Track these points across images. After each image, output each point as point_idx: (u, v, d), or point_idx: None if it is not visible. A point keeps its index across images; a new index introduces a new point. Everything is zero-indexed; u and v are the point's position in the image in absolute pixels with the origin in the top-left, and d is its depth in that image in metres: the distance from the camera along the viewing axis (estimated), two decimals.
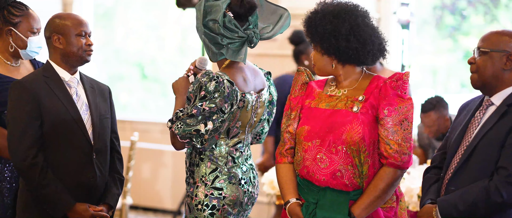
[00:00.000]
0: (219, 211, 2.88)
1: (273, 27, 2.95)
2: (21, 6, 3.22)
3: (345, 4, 2.68)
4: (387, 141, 2.59)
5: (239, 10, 2.83)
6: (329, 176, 2.61)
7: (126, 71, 8.04)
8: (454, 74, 6.55)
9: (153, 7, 7.83)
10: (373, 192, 2.60)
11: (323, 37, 2.65)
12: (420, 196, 4.22)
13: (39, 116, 2.91)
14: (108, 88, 3.19)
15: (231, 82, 2.81)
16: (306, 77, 2.80)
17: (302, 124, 2.69)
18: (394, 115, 2.60)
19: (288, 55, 5.72)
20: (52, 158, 2.93)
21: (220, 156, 2.90)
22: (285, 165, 2.76)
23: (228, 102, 2.80)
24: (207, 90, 2.77)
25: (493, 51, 2.75)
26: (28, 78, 2.99)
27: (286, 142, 2.76)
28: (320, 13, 2.67)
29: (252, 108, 2.93)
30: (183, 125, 2.79)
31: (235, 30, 2.83)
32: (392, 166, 2.60)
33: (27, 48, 3.20)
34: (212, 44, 2.85)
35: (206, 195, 2.88)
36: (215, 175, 2.89)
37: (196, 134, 2.78)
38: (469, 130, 2.82)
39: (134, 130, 6.44)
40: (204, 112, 2.77)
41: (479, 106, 2.84)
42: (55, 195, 2.89)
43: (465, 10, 6.47)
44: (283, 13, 2.98)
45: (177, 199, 6.92)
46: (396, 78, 2.64)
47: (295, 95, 2.79)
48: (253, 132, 3.05)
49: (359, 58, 2.65)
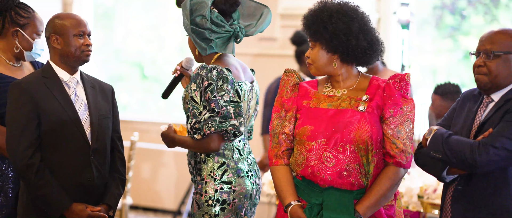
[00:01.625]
0: (230, 205, 2.91)
1: (255, 24, 3.06)
2: (28, 8, 3.25)
3: (349, 3, 2.68)
4: (393, 140, 2.63)
5: (223, 6, 2.95)
6: (336, 175, 2.61)
7: (126, 72, 8.04)
8: (454, 74, 6.55)
9: (153, 7, 7.82)
10: (380, 191, 2.61)
11: (333, 35, 2.63)
12: (420, 196, 4.22)
13: (37, 116, 2.91)
14: (110, 88, 3.19)
15: (228, 70, 2.88)
16: (296, 79, 2.78)
17: (303, 124, 2.68)
18: (399, 114, 2.64)
19: (289, 55, 5.72)
20: (50, 158, 2.94)
21: (227, 149, 2.93)
22: (282, 167, 2.73)
23: (233, 89, 2.87)
24: (211, 78, 2.83)
25: (507, 53, 2.76)
26: (26, 79, 2.99)
27: (282, 144, 2.73)
28: (326, 11, 2.65)
29: (247, 98, 2.98)
30: (214, 122, 2.83)
31: (222, 25, 2.93)
32: (398, 165, 2.64)
33: (32, 50, 3.22)
34: (200, 40, 2.93)
35: (216, 190, 2.91)
36: (223, 169, 2.92)
37: (232, 128, 2.84)
38: (473, 128, 2.83)
39: (134, 130, 6.44)
40: (224, 103, 2.83)
41: (480, 104, 2.85)
42: (51, 195, 2.90)
43: (465, 10, 6.47)
44: (263, 10, 3.09)
45: (177, 199, 6.92)
46: (398, 79, 2.68)
47: (288, 96, 2.75)
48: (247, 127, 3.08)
49: (364, 58, 2.67)
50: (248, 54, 6.33)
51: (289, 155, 2.74)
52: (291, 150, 2.74)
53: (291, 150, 2.74)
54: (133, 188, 6.63)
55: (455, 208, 2.81)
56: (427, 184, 4.20)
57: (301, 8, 6.46)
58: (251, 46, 6.26)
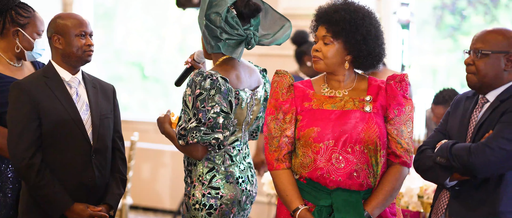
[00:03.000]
0: (216, 210, 2.88)
1: (272, 36, 2.97)
2: (28, 8, 3.25)
3: (364, 7, 2.68)
4: (398, 140, 2.65)
5: (243, 10, 2.85)
6: (346, 176, 2.60)
7: (126, 72, 8.04)
8: (454, 74, 6.55)
9: (153, 7, 7.82)
10: (388, 190, 2.63)
11: (363, 38, 2.62)
12: (420, 196, 4.22)
13: (37, 117, 2.91)
14: (112, 88, 3.19)
15: (224, 79, 2.82)
16: (289, 80, 2.73)
17: (308, 125, 2.64)
18: (402, 114, 2.66)
19: (289, 55, 5.72)
20: (51, 158, 2.94)
21: (217, 154, 2.90)
22: (284, 171, 2.68)
23: (226, 100, 2.81)
24: (203, 88, 2.78)
25: (495, 52, 2.74)
26: (27, 79, 3.00)
27: (283, 147, 2.68)
28: (359, 13, 2.63)
29: (247, 106, 2.93)
30: (198, 132, 2.80)
31: (235, 27, 2.84)
32: (404, 165, 2.67)
33: (33, 50, 3.22)
34: (210, 37, 2.86)
35: (204, 194, 2.88)
36: (212, 174, 2.89)
37: (216, 142, 2.82)
38: (469, 129, 2.82)
39: (134, 130, 6.44)
40: (213, 114, 2.79)
41: (475, 104, 2.85)
42: (52, 195, 2.90)
43: (465, 10, 6.47)
44: (285, 23, 2.99)
45: (177, 199, 6.92)
46: (398, 79, 2.70)
47: (284, 98, 2.70)
48: (249, 130, 3.05)
49: (373, 62, 2.68)
50: (248, 54, 6.33)
51: (290, 158, 2.70)
52: (292, 153, 2.71)
53: (291, 152, 2.71)
54: (133, 188, 6.63)
55: (453, 208, 2.81)
56: (427, 184, 4.20)
57: (301, 8, 6.47)
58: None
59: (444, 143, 2.77)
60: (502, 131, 2.65)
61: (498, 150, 2.62)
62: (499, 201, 2.69)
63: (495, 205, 2.69)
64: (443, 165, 2.73)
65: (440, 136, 2.88)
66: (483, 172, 2.67)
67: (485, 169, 2.65)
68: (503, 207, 2.69)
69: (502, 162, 2.65)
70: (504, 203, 2.69)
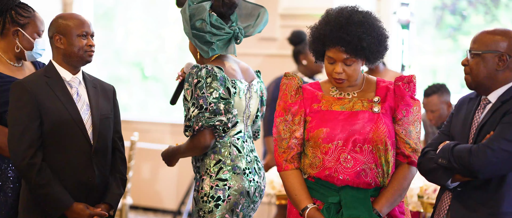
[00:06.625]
0: (224, 202, 2.93)
1: (253, 24, 3.11)
2: (28, 8, 3.25)
3: (362, 11, 2.68)
4: (406, 140, 2.70)
5: (222, 9, 3.01)
6: (353, 175, 2.63)
7: (126, 72, 8.04)
8: (454, 74, 6.55)
9: (153, 7, 7.82)
10: (397, 190, 2.68)
11: (369, 47, 2.63)
12: (420, 196, 4.23)
13: (38, 116, 2.91)
14: (112, 88, 3.20)
15: (220, 68, 2.93)
16: (298, 82, 2.76)
17: (317, 126, 2.67)
18: (410, 115, 2.71)
19: (288, 55, 5.73)
20: (52, 158, 2.94)
21: (223, 147, 2.96)
22: (293, 171, 2.72)
23: (224, 86, 2.91)
24: (200, 76, 2.88)
25: (485, 52, 2.75)
26: (28, 79, 3.00)
27: (292, 148, 2.71)
28: (361, 27, 2.62)
29: (245, 97, 3.01)
30: (202, 117, 2.87)
31: (221, 27, 2.99)
32: (412, 164, 2.73)
33: (33, 50, 3.22)
34: (202, 44, 2.99)
35: (212, 186, 2.95)
36: (219, 166, 2.96)
37: (220, 124, 2.88)
38: (471, 130, 2.83)
39: (134, 130, 6.44)
40: (213, 100, 2.87)
41: (478, 106, 2.85)
42: (52, 195, 2.90)
43: (465, 10, 6.47)
44: (260, 10, 3.14)
45: (177, 199, 6.92)
46: (406, 80, 2.74)
47: (293, 100, 2.73)
48: (252, 128, 3.13)
49: (383, 55, 2.73)
50: (248, 54, 6.33)
51: (299, 159, 2.74)
52: (301, 154, 2.74)
53: (300, 153, 2.74)
54: (133, 188, 6.63)
55: (454, 209, 2.81)
56: (427, 184, 4.20)
57: (301, 8, 6.48)
58: (251, 47, 6.26)
59: (446, 144, 2.77)
60: (503, 132, 2.65)
61: (499, 151, 2.62)
62: (501, 202, 2.69)
63: (496, 206, 2.69)
64: (445, 166, 2.73)
65: (444, 138, 2.88)
66: (484, 173, 2.67)
67: (486, 170, 2.65)
68: (504, 208, 2.69)
69: (503, 163, 2.65)
70: (506, 204, 2.69)
